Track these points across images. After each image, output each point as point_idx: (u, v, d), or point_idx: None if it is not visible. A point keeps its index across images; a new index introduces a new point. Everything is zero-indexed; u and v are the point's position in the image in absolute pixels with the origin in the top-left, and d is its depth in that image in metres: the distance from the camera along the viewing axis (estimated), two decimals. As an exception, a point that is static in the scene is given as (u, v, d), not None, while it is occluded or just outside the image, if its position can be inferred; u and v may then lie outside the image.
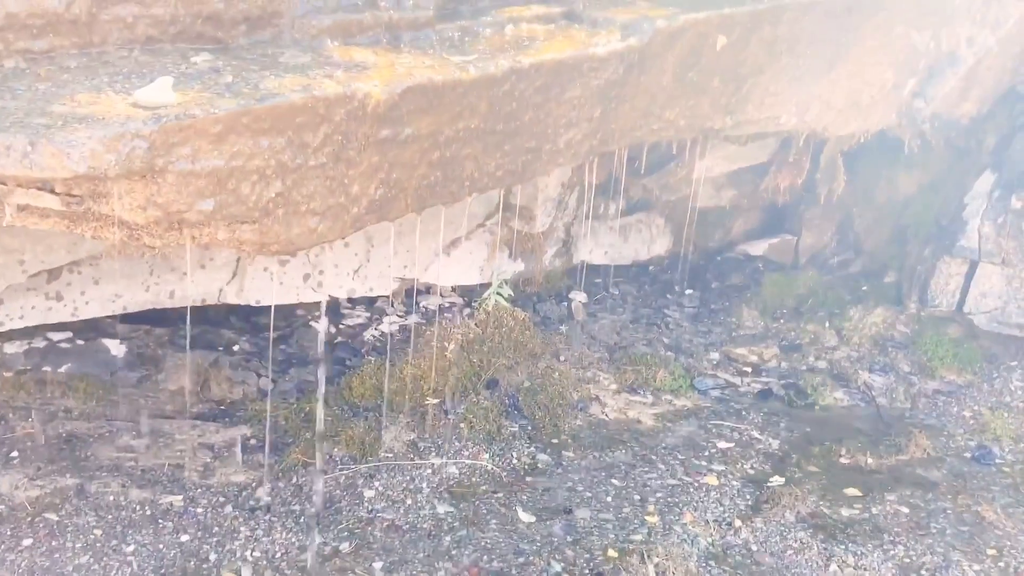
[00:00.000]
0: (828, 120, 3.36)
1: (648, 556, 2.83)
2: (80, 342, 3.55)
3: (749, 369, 4.27)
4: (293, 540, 2.88)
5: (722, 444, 3.62)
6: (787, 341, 4.46)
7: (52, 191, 1.59)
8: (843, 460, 3.55)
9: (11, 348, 3.49)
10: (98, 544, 2.78)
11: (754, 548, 2.99)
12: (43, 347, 3.49)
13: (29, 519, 2.84)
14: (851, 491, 3.33)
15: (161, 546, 2.80)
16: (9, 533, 2.78)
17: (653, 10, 2.56)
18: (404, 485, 3.19)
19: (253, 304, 3.48)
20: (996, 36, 3.51)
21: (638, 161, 3.82)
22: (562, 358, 4.12)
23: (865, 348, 4.33)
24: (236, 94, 1.69)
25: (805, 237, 4.89)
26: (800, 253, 4.97)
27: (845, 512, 3.21)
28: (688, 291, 4.86)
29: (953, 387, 4.10)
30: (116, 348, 3.56)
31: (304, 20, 2.03)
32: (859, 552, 2.96)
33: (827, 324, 4.47)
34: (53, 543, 2.76)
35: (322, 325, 3.47)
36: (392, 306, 4.21)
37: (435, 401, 3.63)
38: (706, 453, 3.54)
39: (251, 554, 2.81)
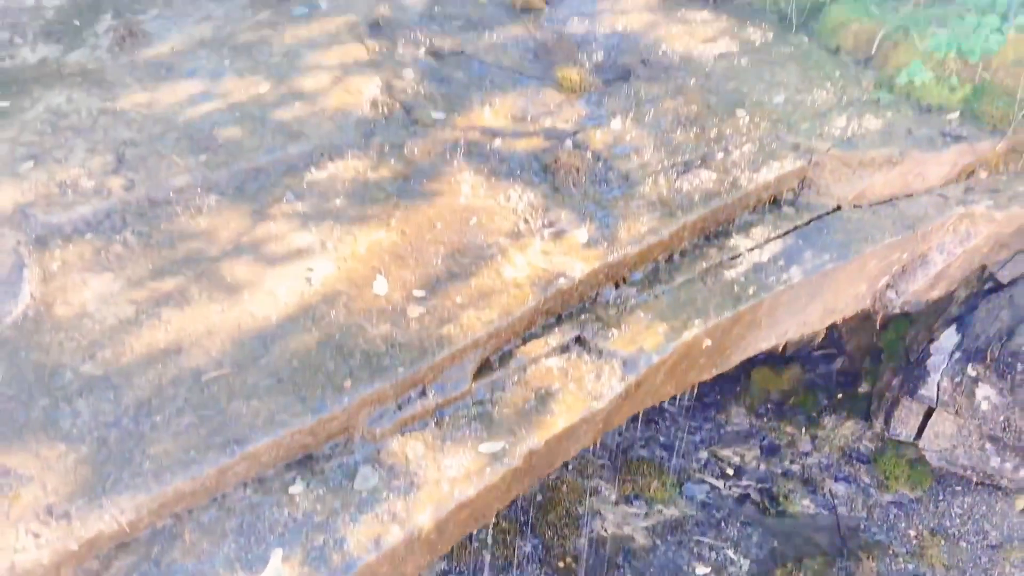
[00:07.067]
0: (806, 332, 3.88)
1: None
2: None
3: (732, 472, 4.97)
4: None
5: (700, 570, 4.38)
6: (768, 441, 5.12)
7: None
8: (800, 585, 4.32)
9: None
10: None
11: None
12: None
13: None
14: (802, 622, 4.13)
15: None
16: None
17: (650, 335, 3.07)
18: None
19: None
20: (964, 247, 3.93)
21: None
22: (570, 466, 4.83)
23: (834, 457, 5.00)
24: (324, 560, 2.31)
25: (793, 336, 5.42)
26: (788, 344, 5.52)
27: (792, 648, 4.01)
28: (685, 383, 5.48)
29: (905, 499, 4.80)
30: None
31: (371, 428, 2.61)
32: None
33: (804, 429, 5.11)
34: None
35: None
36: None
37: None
38: (686, 580, 4.32)
39: None
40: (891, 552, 4.53)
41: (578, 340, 3.08)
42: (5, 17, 4.56)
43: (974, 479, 4.54)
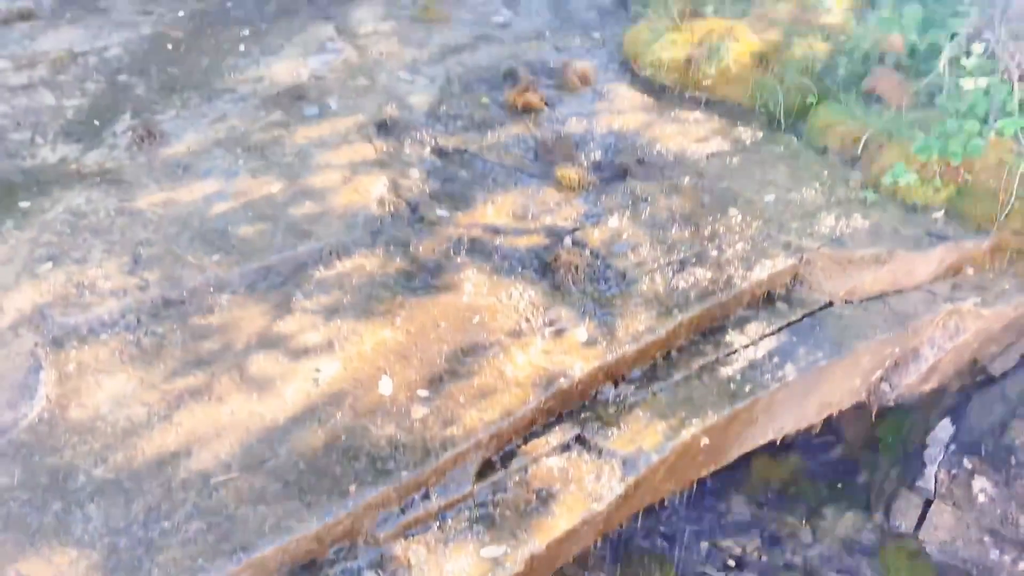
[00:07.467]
0: (803, 426, 3.95)
1: None
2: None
3: (733, 564, 4.95)
4: None
5: (701, 668, 4.34)
6: (768, 532, 5.12)
7: None
8: None
9: None
10: None
11: None
12: None
13: None
14: None
15: None
16: None
17: (649, 434, 3.15)
18: None
19: None
20: (954, 343, 4.03)
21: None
22: (571, 559, 4.81)
23: (835, 549, 4.99)
24: None
25: (792, 425, 5.46)
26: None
27: None
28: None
29: (907, 592, 4.78)
30: None
31: (374, 532, 2.67)
32: None
33: (804, 520, 5.12)
34: None
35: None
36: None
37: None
38: None
39: None
40: (894, 649, 4.49)
41: (578, 439, 3.15)
42: (27, 117, 4.76)
43: (974, 572, 4.53)
